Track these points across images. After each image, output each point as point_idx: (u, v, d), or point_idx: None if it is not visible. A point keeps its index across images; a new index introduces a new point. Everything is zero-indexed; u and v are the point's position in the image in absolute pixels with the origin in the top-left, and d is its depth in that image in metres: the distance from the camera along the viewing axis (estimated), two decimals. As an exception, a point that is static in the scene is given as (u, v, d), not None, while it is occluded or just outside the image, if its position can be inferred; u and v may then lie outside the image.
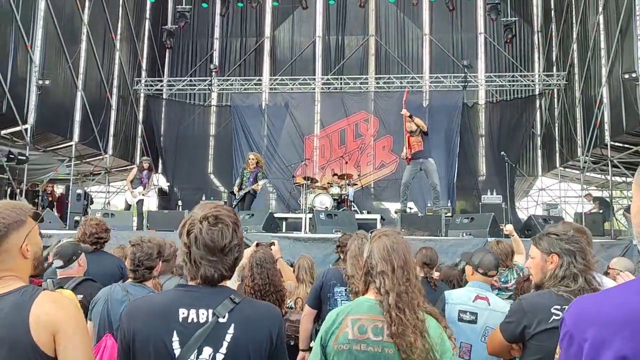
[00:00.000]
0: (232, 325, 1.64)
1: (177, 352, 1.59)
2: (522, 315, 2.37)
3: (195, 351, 1.59)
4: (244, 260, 3.54)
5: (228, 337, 1.62)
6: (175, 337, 1.60)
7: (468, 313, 3.15)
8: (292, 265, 4.38)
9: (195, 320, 1.62)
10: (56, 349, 1.59)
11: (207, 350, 1.60)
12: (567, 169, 15.94)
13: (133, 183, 10.41)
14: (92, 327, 3.02)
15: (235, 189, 10.51)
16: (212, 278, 1.68)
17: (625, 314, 0.92)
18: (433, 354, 1.90)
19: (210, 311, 1.63)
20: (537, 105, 16.43)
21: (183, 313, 1.63)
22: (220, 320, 1.63)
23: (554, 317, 2.26)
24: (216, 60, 17.59)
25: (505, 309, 3.17)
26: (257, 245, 3.79)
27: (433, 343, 1.90)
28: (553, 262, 2.44)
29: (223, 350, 1.61)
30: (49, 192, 13.30)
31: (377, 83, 16.34)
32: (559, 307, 2.28)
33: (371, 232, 2.15)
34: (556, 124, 15.66)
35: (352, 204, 12.47)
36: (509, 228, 4.99)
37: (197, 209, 1.76)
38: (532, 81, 16.21)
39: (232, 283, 2.85)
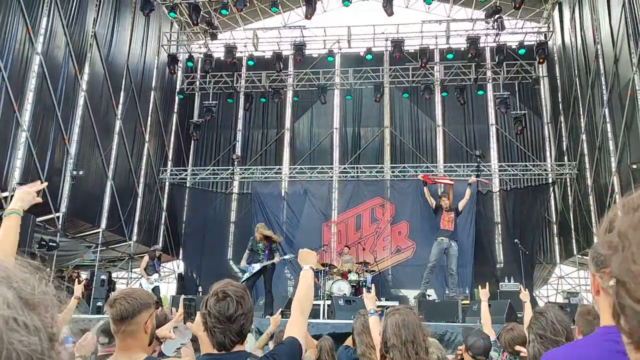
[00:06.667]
0: None
1: None
2: None
3: None
4: (271, 328, 3.83)
5: None
6: None
7: None
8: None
9: None
10: None
11: None
12: (584, 257, 15.87)
13: (147, 270, 10.84)
14: None
15: (243, 263, 9.26)
16: (224, 343, 1.99)
17: None
18: None
19: None
20: (551, 193, 16.72)
21: None
22: None
23: None
24: (238, 151, 18.45)
25: None
26: (282, 313, 4.08)
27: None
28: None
29: None
30: (74, 278, 13.65)
31: (393, 172, 16.89)
32: None
33: (386, 309, 2.47)
34: (571, 212, 15.84)
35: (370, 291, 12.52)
36: (526, 295, 4.88)
37: (213, 286, 2.14)
38: (545, 170, 16.63)
39: (253, 347, 3.11)
